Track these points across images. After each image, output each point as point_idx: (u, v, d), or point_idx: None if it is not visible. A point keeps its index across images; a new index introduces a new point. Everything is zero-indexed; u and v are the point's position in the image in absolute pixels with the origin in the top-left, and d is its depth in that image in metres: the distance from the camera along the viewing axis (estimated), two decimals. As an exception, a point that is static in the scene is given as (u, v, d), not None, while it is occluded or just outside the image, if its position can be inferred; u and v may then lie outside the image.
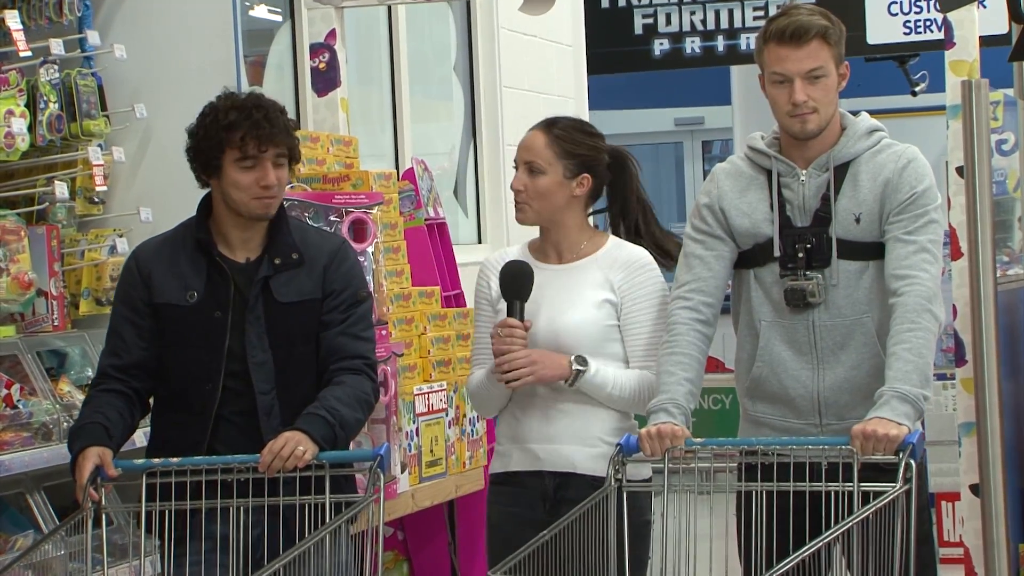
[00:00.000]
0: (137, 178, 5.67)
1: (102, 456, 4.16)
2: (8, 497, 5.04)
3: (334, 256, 4.34)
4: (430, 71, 8.47)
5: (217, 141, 4.24)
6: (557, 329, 4.41)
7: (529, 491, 4.46)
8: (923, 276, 4.08)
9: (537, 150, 4.46)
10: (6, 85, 5.12)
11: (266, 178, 4.23)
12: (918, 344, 3.99)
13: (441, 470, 5.83)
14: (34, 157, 5.46)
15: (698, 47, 10.56)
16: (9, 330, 5.15)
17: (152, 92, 5.63)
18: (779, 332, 4.22)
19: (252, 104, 4.25)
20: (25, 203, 5.47)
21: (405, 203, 6.29)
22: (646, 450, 4.02)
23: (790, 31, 4.15)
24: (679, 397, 4.14)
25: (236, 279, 4.29)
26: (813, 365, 4.20)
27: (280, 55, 7.07)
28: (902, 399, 3.93)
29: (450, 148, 8.62)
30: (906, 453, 3.80)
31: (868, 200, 4.18)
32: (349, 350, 4.29)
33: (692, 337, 4.23)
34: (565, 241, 4.51)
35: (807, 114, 4.17)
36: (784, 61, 4.17)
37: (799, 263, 4.18)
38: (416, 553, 6.21)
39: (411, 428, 5.69)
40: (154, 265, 4.32)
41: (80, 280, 5.53)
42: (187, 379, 4.29)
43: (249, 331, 4.26)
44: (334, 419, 4.15)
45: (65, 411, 5.06)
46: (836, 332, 4.18)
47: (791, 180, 4.23)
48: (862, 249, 4.19)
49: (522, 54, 8.74)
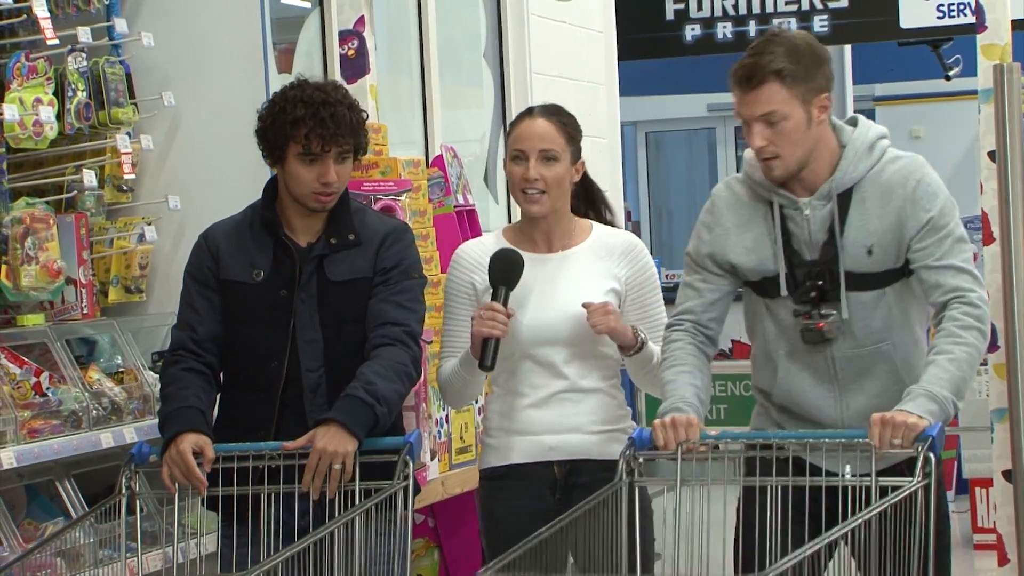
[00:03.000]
0: (165, 166, 5.67)
1: (199, 443, 4.15)
2: (38, 484, 5.06)
3: (388, 235, 4.34)
4: (460, 57, 8.44)
5: (282, 133, 4.25)
6: (569, 318, 4.38)
7: (535, 482, 4.42)
8: (971, 295, 3.88)
9: (552, 138, 4.42)
10: (34, 73, 5.13)
11: (326, 175, 4.24)
12: (960, 357, 3.81)
13: (471, 457, 5.82)
14: (63, 145, 5.47)
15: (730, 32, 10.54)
16: (38, 318, 5.17)
17: (180, 80, 5.63)
18: (797, 363, 4.05)
19: (320, 101, 4.23)
20: (54, 191, 5.48)
21: (434, 190, 6.28)
22: (659, 440, 3.87)
23: (741, 74, 3.92)
24: (688, 396, 3.98)
25: (300, 259, 4.30)
26: (835, 395, 4.04)
27: (309, 42, 7.06)
28: (930, 397, 3.77)
29: (480, 135, 8.60)
30: (925, 446, 3.65)
31: (879, 230, 3.95)
32: (390, 316, 4.27)
33: (690, 351, 4.08)
34: (558, 228, 4.48)
35: (769, 160, 3.92)
36: (738, 104, 3.95)
37: (812, 300, 3.98)
38: (447, 540, 6.20)
39: (441, 415, 5.69)
40: (222, 243, 4.35)
41: (109, 268, 5.54)
42: (253, 357, 4.31)
43: (301, 309, 4.27)
44: (372, 397, 4.13)
45: (94, 399, 5.07)
46: (856, 362, 4.01)
47: (794, 213, 3.99)
48: (876, 279, 3.98)
49: (552, 40, 8.70)
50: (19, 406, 4.82)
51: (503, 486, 4.48)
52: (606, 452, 4.35)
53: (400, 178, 5.86)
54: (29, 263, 5.04)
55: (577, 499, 4.20)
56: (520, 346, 4.42)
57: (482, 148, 8.58)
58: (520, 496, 4.43)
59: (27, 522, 4.95)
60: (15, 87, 5.06)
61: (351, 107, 4.28)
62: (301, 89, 4.28)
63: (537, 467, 4.44)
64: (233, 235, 4.36)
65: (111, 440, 5.04)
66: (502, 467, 4.48)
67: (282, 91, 4.32)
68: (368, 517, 3.99)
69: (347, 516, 3.94)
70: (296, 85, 4.31)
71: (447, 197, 6.41)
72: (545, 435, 4.43)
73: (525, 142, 4.42)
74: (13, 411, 4.78)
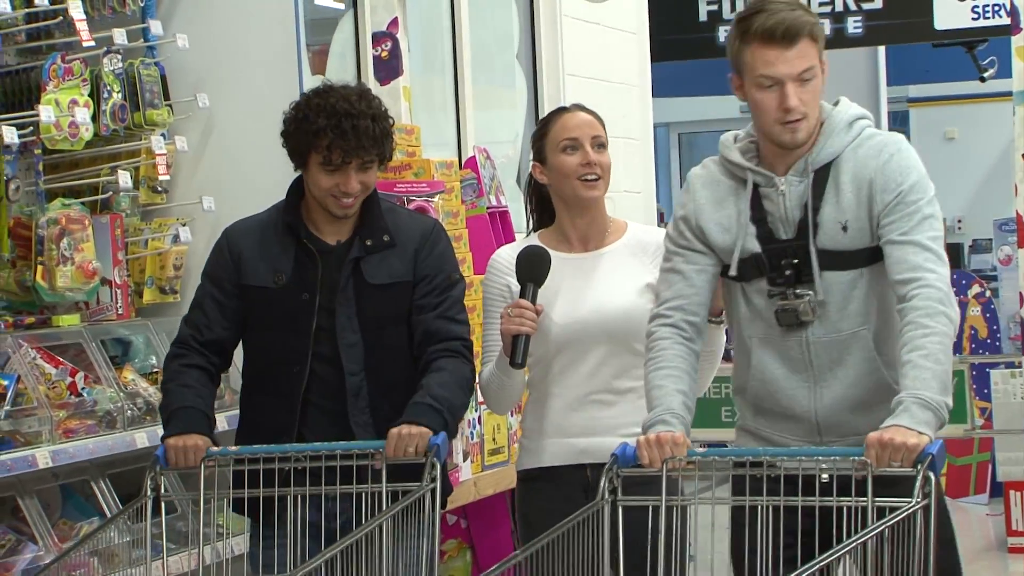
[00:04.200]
0: (200, 167, 5.69)
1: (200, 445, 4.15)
2: (73, 484, 5.08)
3: (427, 239, 4.32)
4: (493, 59, 8.45)
5: (304, 141, 4.22)
6: (606, 316, 4.39)
7: (566, 484, 4.41)
8: (930, 276, 3.72)
9: (599, 127, 4.49)
10: (70, 75, 5.15)
11: (347, 184, 4.20)
12: (935, 350, 3.64)
13: (503, 458, 5.83)
14: (98, 147, 5.49)
15: (763, 34, 10.52)
16: (74, 319, 5.19)
17: (214, 81, 5.64)
18: (771, 350, 3.90)
19: (343, 112, 4.17)
20: (89, 192, 5.51)
21: (467, 191, 6.29)
22: (644, 459, 3.70)
23: (781, 31, 3.78)
24: (675, 407, 3.82)
25: (324, 261, 4.27)
26: (809, 384, 3.89)
27: (343, 44, 7.07)
28: (923, 406, 3.58)
29: (513, 136, 8.60)
30: (924, 465, 3.47)
31: (853, 205, 3.84)
32: (446, 333, 4.26)
33: (677, 350, 3.93)
34: (595, 227, 4.49)
35: (798, 121, 3.81)
36: (774, 64, 3.79)
37: (787, 279, 3.85)
38: (479, 541, 6.21)
39: (473, 416, 5.69)
40: (244, 246, 4.32)
41: (144, 269, 5.56)
42: (274, 362, 4.28)
43: (339, 312, 4.25)
44: (442, 405, 4.13)
45: (129, 399, 5.09)
46: (832, 348, 3.86)
47: (770, 190, 3.88)
48: (852, 258, 3.85)
49: (585, 41, 8.70)
50: (54, 406, 4.85)
51: (536, 488, 4.48)
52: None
53: (433, 179, 5.87)
54: (65, 264, 5.07)
55: None
56: (554, 346, 4.42)
57: (515, 149, 8.59)
58: (552, 498, 4.42)
59: (62, 522, 4.97)
60: (51, 89, 5.08)
61: (375, 117, 4.21)
62: (325, 97, 4.22)
63: (569, 469, 4.43)
64: (257, 238, 4.33)
65: (146, 440, 5.05)
66: (535, 469, 4.48)
67: (306, 97, 4.27)
68: (396, 519, 3.97)
69: (375, 521, 3.91)
70: (321, 92, 4.25)
71: (480, 198, 6.41)
72: (577, 437, 4.43)
73: (576, 130, 4.45)
74: (48, 411, 4.80)
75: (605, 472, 3.72)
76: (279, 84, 5.54)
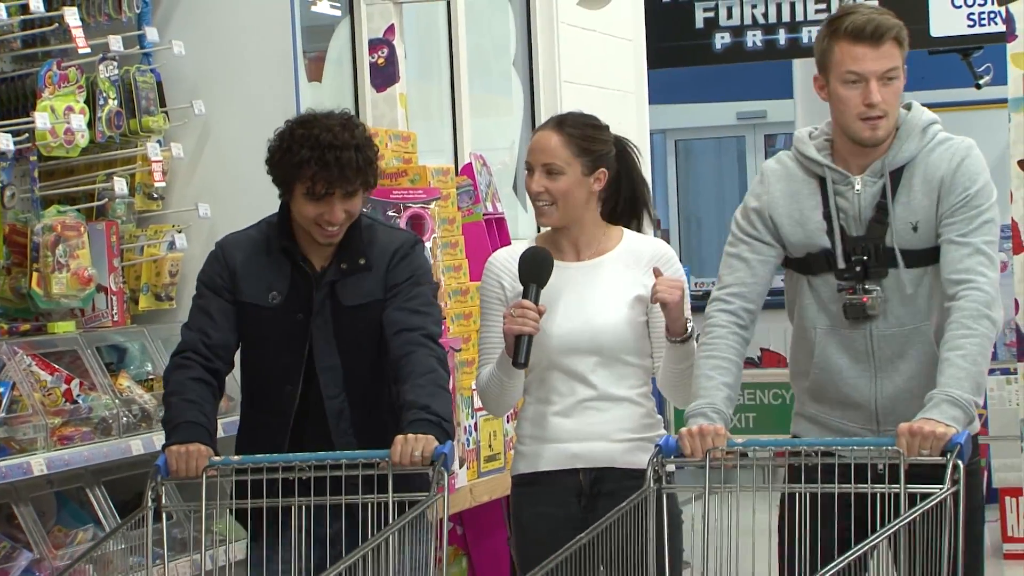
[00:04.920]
0: (195, 174, 5.68)
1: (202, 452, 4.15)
2: (68, 491, 5.07)
3: (396, 253, 4.33)
4: (489, 66, 8.45)
5: (288, 172, 4.24)
6: (595, 328, 4.39)
7: (560, 489, 4.42)
8: (980, 280, 3.94)
9: (553, 151, 4.41)
10: (66, 82, 5.15)
11: (331, 214, 4.23)
12: (973, 351, 3.86)
13: (499, 465, 5.83)
14: (93, 153, 5.49)
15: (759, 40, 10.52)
16: (69, 326, 5.18)
17: (210, 89, 5.64)
18: (835, 341, 4.09)
19: (327, 144, 4.19)
20: (85, 199, 5.50)
21: (463, 198, 6.29)
22: (686, 449, 3.87)
23: (870, 29, 3.97)
24: (718, 402, 3.98)
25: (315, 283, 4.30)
26: (871, 374, 4.07)
27: (339, 50, 7.07)
28: (952, 403, 3.81)
29: (509, 143, 8.61)
30: (953, 453, 3.68)
31: (924, 205, 4.03)
32: (404, 323, 4.25)
33: (731, 341, 4.09)
34: (584, 237, 4.48)
35: (878, 119, 3.98)
36: (861, 60, 3.97)
37: (857, 275, 4.03)
38: (475, 547, 6.21)
39: (469, 423, 5.69)
40: (239, 262, 4.34)
41: (139, 276, 5.56)
42: (267, 380, 4.32)
43: (317, 335, 4.28)
44: (435, 416, 4.11)
45: (124, 406, 5.08)
46: (895, 341, 4.05)
47: (845, 188, 4.06)
48: (921, 256, 4.04)
49: (582, 48, 8.71)
50: (50, 413, 4.84)
51: (530, 492, 4.48)
52: (632, 461, 4.35)
53: (429, 186, 5.87)
54: (60, 271, 5.06)
55: (602, 507, 4.22)
56: (548, 355, 4.42)
57: (511, 156, 8.59)
58: (546, 503, 4.44)
59: (57, 528, 4.96)
60: (46, 95, 5.08)
61: (359, 147, 4.23)
62: (309, 128, 4.23)
63: (563, 475, 4.44)
64: (250, 254, 4.34)
65: (141, 447, 5.05)
66: (530, 474, 4.48)
67: (290, 128, 4.28)
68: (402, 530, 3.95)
69: (384, 534, 3.89)
70: (304, 122, 4.27)
71: (476, 205, 6.41)
72: (571, 443, 4.43)
73: (530, 155, 4.45)
74: (44, 418, 4.80)
75: (650, 461, 3.87)
76: (275, 91, 5.54)
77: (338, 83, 7.02)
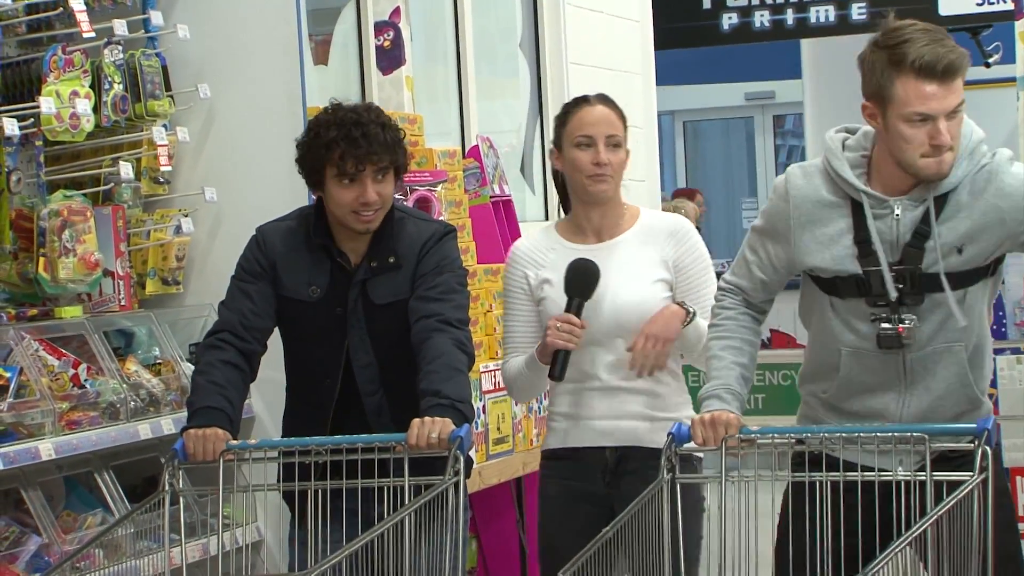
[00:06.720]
0: (201, 158, 5.68)
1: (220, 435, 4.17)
2: (77, 476, 5.08)
3: (424, 246, 4.36)
4: (496, 48, 8.43)
5: (318, 156, 4.28)
6: (619, 307, 4.43)
7: (588, 465, 4.50)
8: None
9: (615, 124, 4.52)
10: (71, 66, 5.14)
11: (365, 195, 4.26)
12: None
13: (508, 447, 5.83)
14: (99, 138, 5.48)
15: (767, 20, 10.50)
16: (76, 310, 5.18)
17: (216, 72, 5.63)
18: (864, 363, 3.90)
19: (352, 121, 4.25)
20: (91, 184, 5.50)
21: (470, 181, 6.28)
22: (698, 438, 3.78)
23: (941, 68, 3.70)
24: (731, 382, 3.88)
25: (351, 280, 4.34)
26: (899, 391, 3.91)
27: (345, 34, 7.06)
28: None
29: (516, 125, 8.59)
30: (981, 440, 3.56)
31: (970, 230, 3.80)
32: (422, 310, 4.28)
33: (742, 321, 3.99)
34: (610, 217, 4.53)
35: (947, 154, 3.75)
36: (929, 99, 3.70)
37: (892, 304, 3.83)
38: (484, 530, 6.21)
39: (478, 406, 5.69)
40: (280, 252, 4.38)
41: (146, 260, 5.55)
42: (307, 374, 4.37)
43: (352, 334, 4.32)
44: (448, 399, 4.12)
45: (132, 390, 5.08)
46: (927, 360, 3.88)
47: (883, 212, 3.82)
48: (962, 278, 3.84)
49: (589, 30, 8.68)
50: (57, 398, 4.84)
51: (558, 465, 4.57)
52: (656, 440, 4.31)
53: (436, 169, 5.86)
54: (67, 255, 5.06)
55: (625, 485, 4.28)
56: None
57: (518, 138, 8.58)
58: (572, 476, 4.52)
59: (66, 513, 4.97)
60: (52, 80, 5.07)
61: (384, 126, 4.28)
62: (334, 112, 4.32)
63: (590, 451, 4.51)
64: (290, 247, 4.39)
65: (149, 431, 5.06)
66: (560, 449, 4.57)
67: (316, 117, 4.36)
68: (420, 513, 3.95)
69: (398, 515, 3.89)
70: (330, 109, 4.35)
71: (483, 187, 6.41)
72: (598, 420, 4.49)
73: (592, 128, 4.48)
74: (51, 403, 4.80)
75: (664, 451, 3.79)
76: (281, 74, 5.53)
77: (344, 66, 7.00)
